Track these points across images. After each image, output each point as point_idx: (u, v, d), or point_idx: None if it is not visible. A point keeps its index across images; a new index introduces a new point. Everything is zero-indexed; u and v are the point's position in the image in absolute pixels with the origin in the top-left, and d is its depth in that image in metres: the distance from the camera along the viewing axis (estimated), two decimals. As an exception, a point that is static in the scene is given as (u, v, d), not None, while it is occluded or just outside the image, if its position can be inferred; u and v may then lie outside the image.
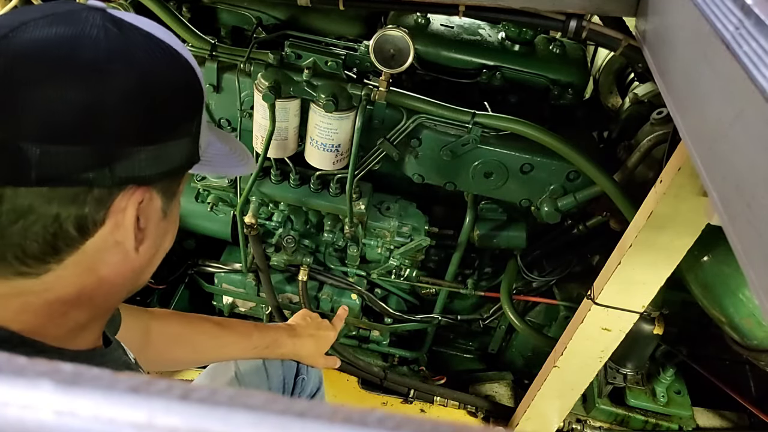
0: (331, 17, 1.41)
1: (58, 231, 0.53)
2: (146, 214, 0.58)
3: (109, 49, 0.52)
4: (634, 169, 1.32)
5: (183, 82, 0.58)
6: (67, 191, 0.51)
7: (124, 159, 0.53)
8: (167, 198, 0.61)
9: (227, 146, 0.72)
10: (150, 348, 0.99)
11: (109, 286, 0.60)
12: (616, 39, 1.11)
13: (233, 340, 1.10)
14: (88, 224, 0.54)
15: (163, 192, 0.60)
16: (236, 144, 0.76)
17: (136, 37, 0.55)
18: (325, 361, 1.23)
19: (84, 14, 0.53)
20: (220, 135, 0.73)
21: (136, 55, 0.54)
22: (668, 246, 1.06)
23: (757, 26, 0.50)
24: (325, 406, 0.21)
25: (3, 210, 0.50)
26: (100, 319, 0.65)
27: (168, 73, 0.57)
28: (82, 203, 0.53)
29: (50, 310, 0.56)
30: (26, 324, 0.55)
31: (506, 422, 1.71)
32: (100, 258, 0.57)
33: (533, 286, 1.68)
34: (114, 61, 0.52)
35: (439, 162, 1.35)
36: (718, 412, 1.76)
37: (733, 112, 0.51)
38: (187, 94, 0.59)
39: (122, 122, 0.52)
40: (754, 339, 1.19)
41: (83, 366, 0.22)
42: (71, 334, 0.60)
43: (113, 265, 0.58)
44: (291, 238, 1.56)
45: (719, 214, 0.52)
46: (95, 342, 0.65)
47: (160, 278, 1.78)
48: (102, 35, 0.52)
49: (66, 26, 0.51)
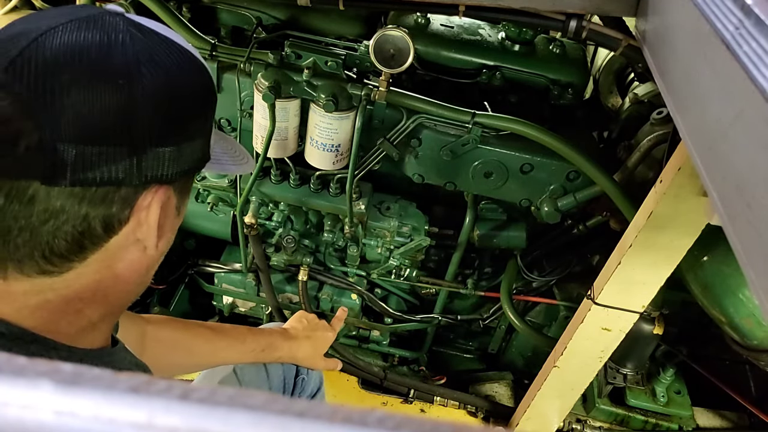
0: (331, 17, 1.41)
1: (86, 230, 0.54)
2: (166, 211, 0.60)
3: (136, 53, 0.54)
4: (634, 169, 1.32)
5: (199, 84, 0.61)
6: (97, 191, 0.53)
7: (151, 159, 0.55)
8: (182, 196, 0.64)
9: (227, 145, 0.73)
10: (146, 354, 0.99)
11: (123, 283, 0.61)
12: (616, 39, 1.11)
13: (228, 344, 1.11)
14: (114, 223, 0.56)
15: (179, 190, 0.62)
16: (234, 144, 0.77)
17: (157, 41, 0.57)
18: (325, 363, 1.23)
19: (108, 19, 0.55)
20: (218, 135, 0.74)
21: (160, 59, 0.56)
22: (668, 246, 1.06)
23: (757, 26, 0.50)
24: (325, 406, 0.21)
25: (35, 210, 0.51)
26: (111, 318, 0.66)
27: (187, 75, 0.59)
28: (110, 202, 0.54)
29: (66, 307, 0.57)
30: (40, 320, 0.56)
31: (506, 422, 1.71)
32: (120, 255, 0.59)
33: (533, 286, 1.68)
34: (142, 65, 0.54)
35: (439, 162, 1.35)
36: (718, 412, 1.76)
37: (733, 112, 0.50)
38: (203, 95, 0.62)
39: (150, 123, 0.54)
40: (754, 339, 1.19)
41: (83, 366, 0.22)
42: (82, 332, 0.60)
43: (130, 262, 0.60)
44: (291, 238, 1.56)
45: (719, 214, 0.52)
46: (104, 341, 0.66)
47: (160, 278, 1.77)
48: (128, 40, 0.54)
49: (94, 31, 0.53)
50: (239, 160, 0.74)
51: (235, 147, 0.76)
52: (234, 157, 0.73)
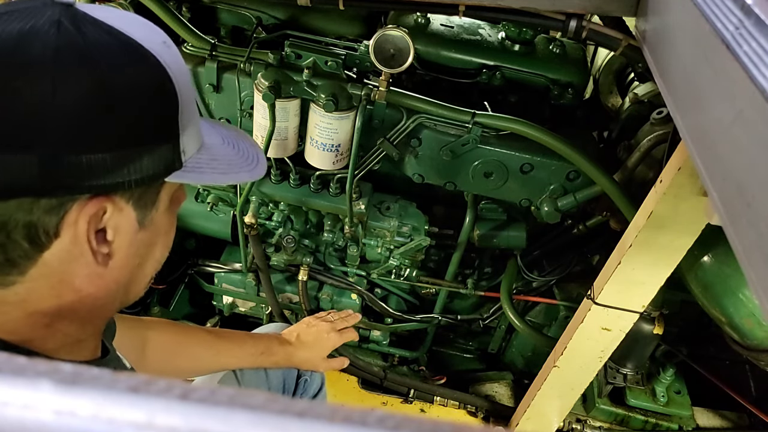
0: (331, 17, 1.41)
1: (7, 242, 0.50)
2: (114, 225, 0.54)
3: (58, 47, 0.47)
4: (634, 169, 1.32)
5: (149, 84, 0.53)
6: (11, 202, 0.48)
7: (75, 167, 0.48)
8: (143, 208, 0.56)
9: (233, 147, 0.67)
10: (147, 359, 0.99)
11: (91, 299, 0.57)
12: (616, 39, 1.11)
13: (228, 347, 1.11)
14: (39, 236, 0.50)
15: (136, 201, 0.55)
16: (246, 143, 0.70)
17: (98, 34, 0.50)
18: (328, 365, 1.22)
19: (42, 9, 0.49)
20: (229, 133, 0.69)
21: (91, 54, 0.49)
22: (668, 246, 1.06)
23: (757, 26, 0.50)
24: (324, 406, 0.21)
25: None
26: (93, 332, 0.63)
27: (132, 74, 0.52)
28: (29, 213, 0.49)
29: (32, 321, 0.55)
30: (15, 335, 0.54)
31: (506, 422, 1.71)
32: (69, 270, 0.54)
33: (533, 286, 1.68)
34: (63, 59, 0.47)
35: (439, 162, 1.35)
36: (718, 412, 1.76)
37: (733, 112, 0.50)
38: (156, 96, 0.54)
39: (71, 126, 0.48)
40: (754, 339, 1.19)
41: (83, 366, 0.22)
42: (67, 347, 0.59)
43: (88, 277, 0.55)
44: (291, 238, 1.56)
45: (719, 214, 0.52)
46: (92, 353, 0.65)
47: (160, 278, 1.77)
48: (53, 31, 0.48)
49: (19, 22, 0.48)
50: (246, 162, 0.67)
51: (246, 146, 0.69)
52: (239, 159, 0.66)
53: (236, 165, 0.66)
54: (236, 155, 0.66)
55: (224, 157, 0.64)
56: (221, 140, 0.66)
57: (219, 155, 0.64)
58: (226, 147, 0.66)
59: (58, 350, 0.58)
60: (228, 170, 0.64)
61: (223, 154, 0.64)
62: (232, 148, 0.67)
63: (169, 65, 0.54)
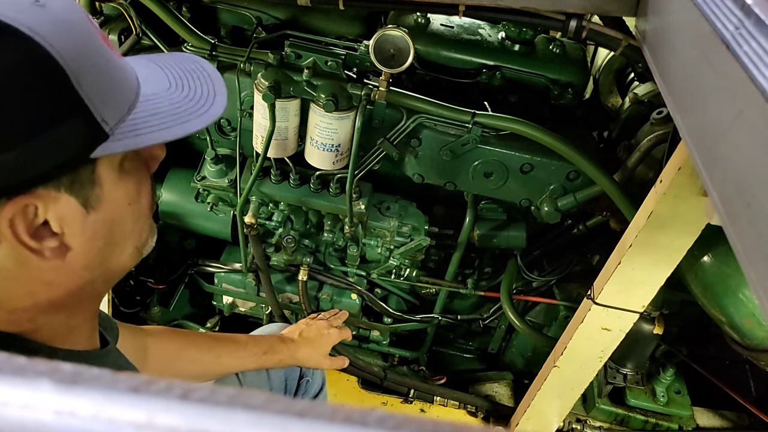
0: (331, 17, 1.41)
1: None
2: (56, 216, 0.51)
3: None
4: (634, 169, 1.32)
5: (13, 63, 0.45)
6: None
7: None
8: (80, 190, 0.52)
9: (182, 89, 0.59)
10: (149, 366, 0.99)
11: (65, 289, 0.56)
12: (616, 39, 1.11)
13: (230, 349, 1.10)
14: None
15: (69, 187, 0.51)
16: (202, 78, 0.61)
17: None
18: (331, 362, 1.23)
19: None
20: (181, 71, 0.60)
21: None
22: (668, 246, 1.06)
23: (757, 26, 0.50)
24: (325, 406, 0.21)
25: None
26: (85, 317, 0.63)
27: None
28: None
29: (16, 318, 0.55)
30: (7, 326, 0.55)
31: (506, 422, 1.71)
32: (29, 270, 0.52)
33: (533, 286, 1.68)
34: None
35: (439, 162, 1.35)
36: (718, 412, 1.76)
37: (733, 112, 0.50)
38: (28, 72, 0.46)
39: None
40: (754, 339, 1.19)
41: (83, 366, 0.22)
42: (60, 336, 0.59)
43: (52, 272, 0.54)
44: (291, 238, 1.56)
45: (719, 214, 0.52)
46: (90, 343, 0.65)
47: (160, 278, 1.78)
48: None
49: None
50: (199, 105, 0.58)
51: (199, 85, 0.60)
52: (192, 103, 0.58)
53: (183, 114, 0.57)
54: (184, 99, 0.58)
55: (168, 108, 0.56)
56: (168, 84, 0.59)
57: (162, 107, 0.56)
58: (173, 92, 0.58)
59: (52, 340, 0.58)
60: (172, 123, 0.56)
61: (167, 103, 0.57)
62: (181, 90, 0.59)
63: (39, 30, 0.45)
